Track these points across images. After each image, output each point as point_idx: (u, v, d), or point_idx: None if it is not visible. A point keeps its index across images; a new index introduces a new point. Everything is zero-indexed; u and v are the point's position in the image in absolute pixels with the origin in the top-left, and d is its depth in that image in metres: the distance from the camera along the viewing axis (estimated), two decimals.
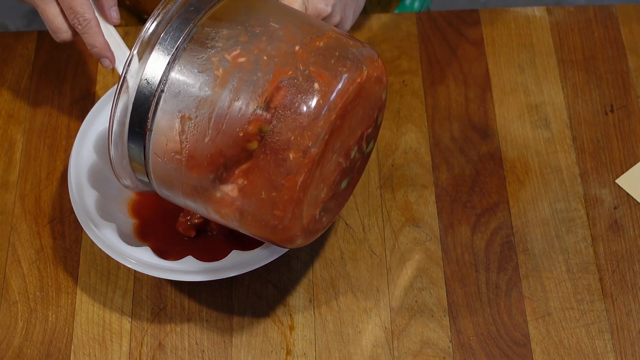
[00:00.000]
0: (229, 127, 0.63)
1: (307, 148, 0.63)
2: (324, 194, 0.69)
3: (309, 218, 0.68)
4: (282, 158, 0.63)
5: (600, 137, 0.89)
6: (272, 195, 0.64)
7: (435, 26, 0.96)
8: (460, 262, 0.83)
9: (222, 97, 0.64)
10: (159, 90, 0.65)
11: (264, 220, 0.66)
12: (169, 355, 0.79)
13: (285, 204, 0.65)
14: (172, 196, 0.70)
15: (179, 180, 0.67)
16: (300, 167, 0.63)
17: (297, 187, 0.64)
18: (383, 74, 0.69)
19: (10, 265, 0.83)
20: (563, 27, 0.96)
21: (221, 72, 0.64)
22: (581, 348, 0.79)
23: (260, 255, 0.76)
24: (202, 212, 0.70)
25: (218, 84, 0.64)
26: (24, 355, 0.79)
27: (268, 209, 0.65)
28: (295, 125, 0.63)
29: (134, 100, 0.65)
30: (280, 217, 0.65)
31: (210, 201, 0.67)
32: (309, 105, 0.63)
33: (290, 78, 0.63)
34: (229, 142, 0.64)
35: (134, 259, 0.76)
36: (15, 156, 0.89)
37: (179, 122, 0.65)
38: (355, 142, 0.70)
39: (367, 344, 0.80)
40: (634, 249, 0.83)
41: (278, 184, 0.64)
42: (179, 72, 0.65)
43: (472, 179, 0.87)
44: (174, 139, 0.65)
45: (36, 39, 0.96)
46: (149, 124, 0.66)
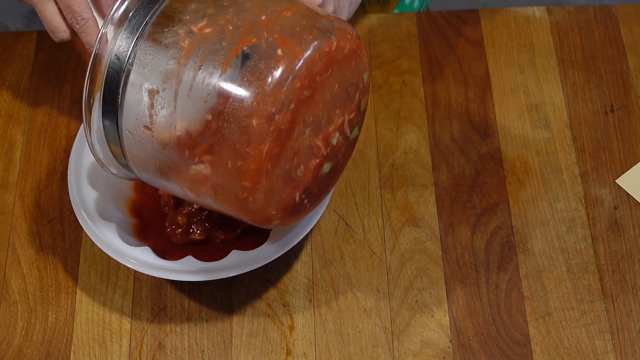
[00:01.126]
0: (194, 97, 0.64)
1: (271, 115, 0.62)
2: (301, 172, 0.68)
3: (286, 197, 0.68)
4: (245, 125, 0.62)
5: (600, 137, 0.89)
6: (237, 164, 0.64)
7: (435, 26, 0.96)
8: (460, 262, 0.83)
9: (187, 68, 0.64)
10: (127, 65, 0.65)
11: (234, 193, 0.65)
12: (169, 355, 0.79)
13: (252, 174, 0.64)
14: (150, 178, 0.70)
15: (152, 158, 0.67)
16: (264, 134, 0.63)
17: (263, 156, 0.63)
18: (359, 49, 0.68)
19: (10, 265, 0.83)
20: (563, 27, 0.96)
21: (187, 44, 0.64)
22: (581, 348, 0.79)
23: (260, 255, 0.76)
24: (179, 192, 0.69)
25: (184, 55, 0.64)
26: (24, 355, 0.80)
27: (236, 180, 0.64)
28: (257, 92, 0.62)
29: (105, 77, 0.66)
30: (249, 188, 0.65)
31: (183, 177, 0.67)
32: (272, 71, 0.62)
33: (254, 45, 0.63)
34: (194, 112, 0.64)
35: (134, 259, 0.76)
36: (15, 156, 0.89)
37: (147, 95, 0.65)
38: (337, 126, 0.69)
39: (367, 344, 0.80)
40: (634, 249, 0.83)
41: (243, 152, 0.63)
42: (147, 47, 0.65)
43: (472, 179, 0.87)
44: (143, 114, 0.65)
45: (36, 39, 0.96)
46: (119, 100, 0.66)
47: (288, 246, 0.76)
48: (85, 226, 0.78)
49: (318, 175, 0.70)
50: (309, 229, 0.77)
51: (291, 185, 0.68)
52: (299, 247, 0.83)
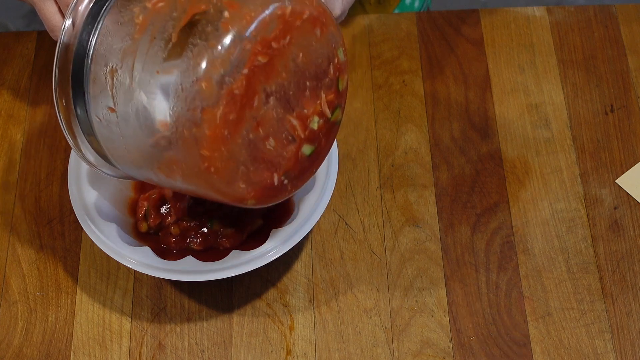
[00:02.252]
0: (147, 70, 0.63)
1: (221, 77, 0.62)
2: (272, 146, 0.67)
3: (260, 175, 0.67)
4: (196, 90, 0.62)
5: (600, 137, 0.89)
6: (193, 131, 0.63)
7: (435, 26, 0.96)
8: (460, 262, 0.83)
9: (141, 43, 0.64)
10: (90, 49, 0.66)
11: (196, 165, 0.64)
12: (169, 355, 0.79)
13: (209, 141, 0.63)
14: (125, 166, 0.70)
15: (120, 143, 0.67)
16: (216, 97, 0.62)
17: (217, 121, 0.62)
18: (322, 16, 0.66)
19: (10, 265, 0.83)
20: (563, 27, 0.96)
21: (141, 20, 0.64)
22: (581, 348, 0.79)
23: (260, 255, 0.76)
24: (153, 178, 0.69)
25: (138, 31, 0.64)
26: (24, 355, 0.80)
27: (194, 150, 0.63)
28: (205, 55, 0.62)
29: (72, 66, 0.66)
30: (209, 157, 0.63)
31: (150, 159, 0.66)
32: (218, 33, 0.62)
33: (203, 12, 0.63)
34: (149, 84, 0.63)
35: (134, 259, 0.76)
36: (15, 156, 0.89)
37: (109, 76, 0.65)
38: (315, 110, 0.68)
39: (367, 344, 0.80)
40: (634, 249, 0.83)
41: (196, 118, 0.62)
42: (106, 28, 0.66)
43: (472, 179, 0.87)
44: (106, 95, 0.65)
45: (36, 39, 0.96)
46: (84, 85, 0.66)
47: (288, 246, 0.76)
48: (85, 226, 0.78)
49: (299, 157, 0.69)
50: (309, 229, 0.77)
51: (267, 165, 0.67)
52: (299, 247, 0.83)
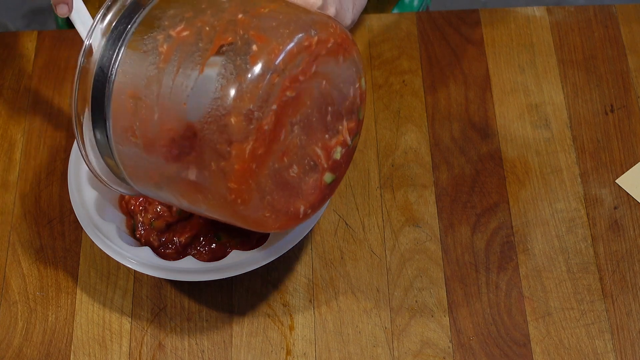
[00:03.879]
0: (173, 100, 0.63)
1: (250, 112, 0.61)
2: (295, 174, 0.67)
3: (285, 203, 0.67)
4: (224, 124, 0.61)
5: (600, 137, 0.89)
6: (221, 165, 0.62)
7: (435, 26, 0.96)
8: (460, 262, 0.83)
9: (166, 72, 0.63)
10: (111, 75, 0.65)
11: (222, 196, 0.64)
12: (169, 355, 0.79)
13: (237, 175, 0.63)
14: (145, 189, 0.70)
15: (142, 167, 0.67)
16: (245, 133, 0.62)
17: (246, 156, 0.62)
18: (346, 42, 0.66)
19: (10, 265, 0.83)
20: (563, 27, 0.96)
21: (165, 48, 0.64)
22: (581, 348, 0.79)
23: (260, 255, 0.76)
24: (174, 202, 0.69)
25: (162, 60, 0.64)
26: (23, 355, 0.80)
27: (221, 182, 0.63)
28: (234, 89, 0.61)
29: (91, 90, 0.66)
30: (236, 189, 0.63)
31: (173, 185, 0.66)
32: (247, 67, 0.61)
33: (230, 43, 0.62)
34: (175, 116, 0.63)
35: (134, 259, 0.76)
36: (15, 156, 0.89)
37: (131, 103, 0.64)
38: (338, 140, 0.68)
39: (367, 344, 0.80)
40: (634, 249, 0.83)
41: (224, 152, 0.62)
42: (128, 55, 0.65)
43: (472, 179, 0.87)
44: (128, 122, 0.65)
45: (36, 39, 0.96)
46: (106, 110, 0.66)
47: (288, 246, 0.76)
48: (85, 226, 0.78)
49: (321, 186, 0.70)
50: (309, 229, 0.77)
51: (290, 192, 0.67)
52: (299, 247, 0.83)
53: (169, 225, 0.80)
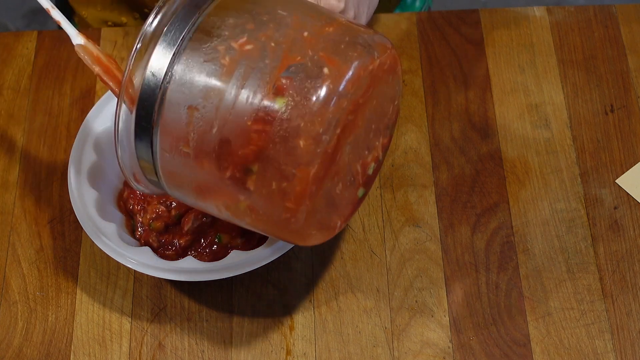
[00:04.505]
0: (236, 116, 0.62)
1: (318, 135, 0.61)
2: (340, 191, 0.67)
3: (328, 220, 0.67)
4: (292, 146, 0.61)
5: (600, 137, 0.89)
6: (282, 186, 0.62)
7: (435, 26, 0.96)
8: (460, 262, 0.83)
9: (229, 86, 0.62)
10: (164, 82, 0.63)
11: (275, 214, 0.64)
12: (169, 355, 0.79)
13: (297, 196, 0.62)
14: (182, 196, 0.68)
15: (188, 177, 0.66)
16: (312, 156, 0.61)
17: (310, 179, 0.62)
18: (396, 64, 0.66)
19: (10, 265, 0.83)
20: (563, 27, 0.96)
21: (227, 61, 0.62)
22: (581, 348, 0.79)
23: (260, 255, 0.76)
24: (214, 211, 0.68)
25: (225, 73, 0.62)
26: (23, 355, 0.80)
27: (279, 202, 0.63)
28: (305, 112, 0.60)
29: (139, 94, 0.64)
30: (292, 209, 0.63)
31: (220, 197, 0.65)
32: (319, 91, 0.61)
33: (299, 64, 0.61)
34: (237, 131, 0.62)
35: (134, 259, 0.76)
36: (15, 156, 0.89)
37: (186, 113, 0.63)
38: (374, 157, 0.68)
39: (367, 344, 0.80)
40: (634, 249, 0.83)
41: (289, 174, 0.61)
42: (185, 63, 0.63)
43: (472, 179, 0.87)
44: (181, 132, 0.63)
45: (36, 39, 0.96)
46: (155, 117, 0.64)
47: (288, 246, 0.76)
48: (85, 226, 0.78)
49: (355, 201, 0.70)
50: None
51: (334, 209, 0.67)
52: (299, 247, 0.83)
53: (168, 227, 0.80)
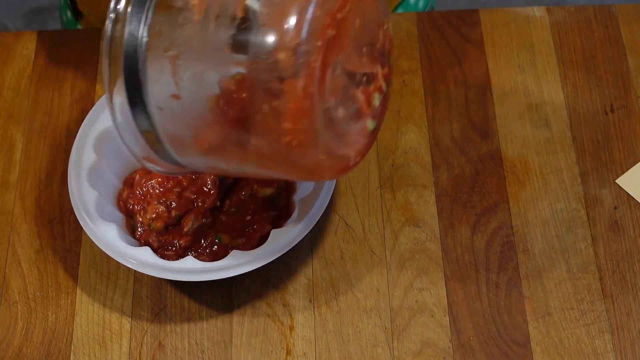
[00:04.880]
0: (216, 49, 0.62)
1: (297, 46, 0.60)
2: (342, 116, 0.66)
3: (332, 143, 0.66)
4: (274, 61, 0.61)
5: (600, 137, 0.89)
6: (274, 105, 0.61)
7: (435, 26, 0.96)
8: (460, 262, 0.83)
9: (203, 24, 0.62)
10: (142, 39, 0.64)
11: (276, 141, 0.63)
12: (169, 355, 0.79)
13: (291, 113, 0.62)
14: (191, 159, 0.68)
15: (187, 130, 0.65)
16: (295, 67, 0.61)
17: (299, 92, 0.61)
18: None
19: (10, 265, 0.83)
20: (563, 27, 0.96)
21: (197, 1, 0.63)
22: (581, 348, 0.79)
23: (260, 255, 0.76)
24: (223, 166, 0.67)
25: (197, 12, 0.63)
26: (23, 355, 0.80)
27: (275, 124, 0.62)
28: (279, 25, 0.60)
29: (123, 58, 0.64)
30: (291, 130, 0.62)
31: (222, 144, 0.65)
32: (287, 3, 0.61)
33: None
34: (220, 64, 0.62)
35: (134, 259, 0.76)
36: (15, 156, 0.89)
37: (169, 62, 0.63)
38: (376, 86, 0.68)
39: (367, 344, 0.80)
40: (634, 249, 0.83)
41: (276, 90, 0.61)
42: (159, 15, 0.64)
43: (472, 179, 0.87)
44: (168, 82, 0.64)
45: (36, 39, 0.96)
46: (140, 77, 0.64)
47: (288, 246, 0.76)
48: (85, 226, 0.78)
49: (367, 134, 0.69)
50: (309, 229, 0.77)
51: (340, 135, 0.66)
52: (299, 247, 0.83)
53: (168, 227, 0.80)
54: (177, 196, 0.81)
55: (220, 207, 0.81)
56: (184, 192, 0.81)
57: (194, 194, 0.81)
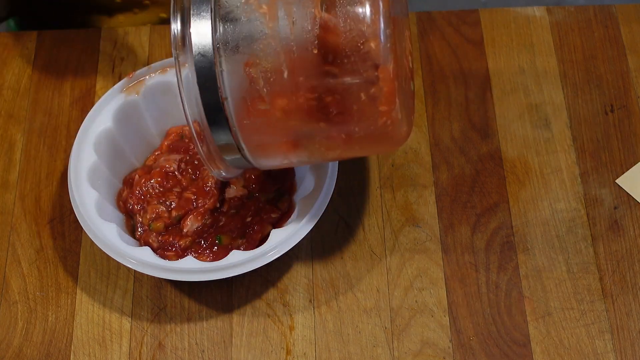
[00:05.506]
0: (300, 51, 0.63)
1: (382, 32, 0.63)
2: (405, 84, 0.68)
3: (406, 111, 0.68)
4: (366, 51, 0.63)
5: (600, 137, 0.89)
6: (371, 92, 0.64)
7: (435, 26, 0.96)
8: (460, 262, 0.83)
9: (279, 28, 0.63)
10: (216, 56, 0.64)
11: (372, 124, 0.65)
12: (169, 355, 0.79)
13: (387, 96, 0.64)
14: (271, 160, 0.69)
15: (275, 134, 0.66)
16: (386, 52, 0.63)
17: (392, 75, 0.63)
18: None
19: (10, 265, 0.83)
20: (563, 27, 0.96)
21: (266, 8, 0.63)
22: (581, 348, 0.79)
23: (260, 255, 0.76)
24: (304, 158, 0.69)
25: (269, 19, 0.63)
26: (23, 355, 0.80)
27: (373, 109, 0.64)
28: (361, 16, 0.62)
29: (196, 80, 0.64)
30: (387, 112, 0.65)
31: (313, 137, 0.66)
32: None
33: None
34: (306, 64, 0.63)
35: (134, 259, 0.76)
36: (15, 156, 0.89)
37: (250, 73, 0.64)
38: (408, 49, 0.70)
39: (367, 344, 0.80)
40: (634, 249, 0.83)
41: (372, 78, 0.63)
42: (226, 29, 0.64)
43: (472, 179, 0.87)
44: (254, 93, 0.64)
45: (36, 39, 0.96)
46: (221, 92, 0.64)
47: (288, 246, 0.76)
48: (85, 226, 0.78)
49: (413, 94, 0.71)
50: (309, 229, 0.77)
51: (407, 103, 0.68)
52: (299, 247, 0.83)
53: (167, 227, 0.80)
54: (176, 196, 0.81)
55: (219, 209, 0.81)
56: (183, 192, 0.81)
57: (193, 195, 0.81)
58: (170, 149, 0.85)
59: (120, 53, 0.95)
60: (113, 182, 0.83)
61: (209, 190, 0.81)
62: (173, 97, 0.84)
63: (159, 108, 0.85)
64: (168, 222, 0.80)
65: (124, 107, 0.83)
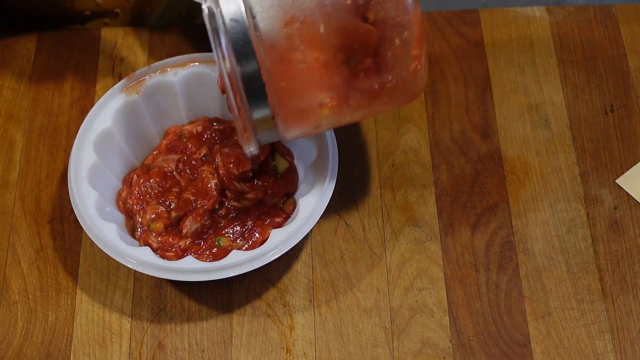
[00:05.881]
0: (335, 3, 0.64)
1: None
2: None
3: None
4: None
5: (600, 137, 0.89)
6: (404, 36, 0.65)
7: (435, 26, 0.96)
8: (460, 262, 0.83)
9: None
10: (250, 19, 0.64)
11: (405, 68, 0.66)
12: (169, 355, 0.79)
13: (417, 40, 0.66)
14: (303, 126, 0.69)
15: (311, 93, 0.66)
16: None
17: (420, 18, 0.65)
18: None
19: (10, 265, 0.83)
20: (563, 27, 0.96)
21: None
22: (581, 348, 0.79)
23: (260, 255, 0.76)
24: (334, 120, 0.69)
25: None
26: (23, 355, 0.80)
27: (406, 54, 0.66)
28: None
29: (231, 46, 0.64)
30: (418, 55, 0.66)
31: (347, 93, 0.67)
32: None
33: None
34: (341, 14, 0.64)
35: (134, 259, 0.76)
36: (15, 156, 0.89)
37: (286, 31, 0.64)
38: None
39: (367, 344, 0.80)
40: (634, 249, 0.83)
41: (405, 22, 0.65)
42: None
43: (472, 179, 0.87)
44: (291, 50, 0.64)
45: (36, 39, 0.96)
46: (259, 55, 0.64)
47: (288, 246, 0.76)
48: (85, 226, 0.78)
49: None
50: (309, 229, 0.77)
51: None
52: (299, 247, 0.83)
53: (167, 228, 0.80)
54: (176, 196, 0.81)
55: (219, 210, 0.81)
56: (182, 192, 0.81)
57: (193, 195, 0.81)
58: (169, 148, 0.85)
59: (120, 53, 0.95)
60: (113, 182, 0.83)
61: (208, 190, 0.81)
62: (173, 97, 0.85)
63: (159, 108, 0.85)
64: (167, 222, 0.80)
65: (124, 107, 0.83)
